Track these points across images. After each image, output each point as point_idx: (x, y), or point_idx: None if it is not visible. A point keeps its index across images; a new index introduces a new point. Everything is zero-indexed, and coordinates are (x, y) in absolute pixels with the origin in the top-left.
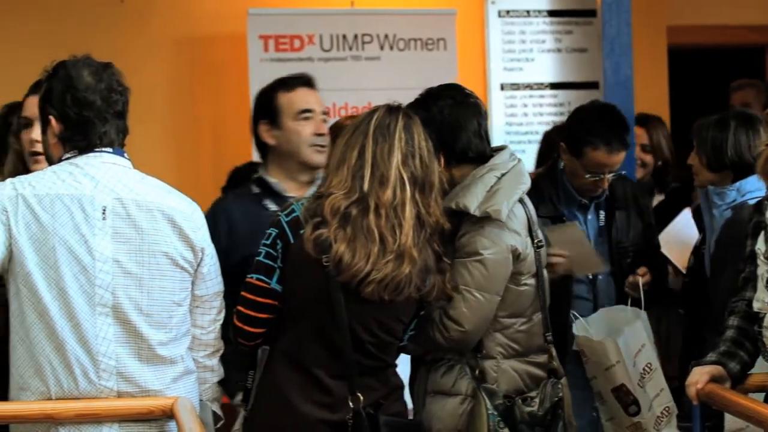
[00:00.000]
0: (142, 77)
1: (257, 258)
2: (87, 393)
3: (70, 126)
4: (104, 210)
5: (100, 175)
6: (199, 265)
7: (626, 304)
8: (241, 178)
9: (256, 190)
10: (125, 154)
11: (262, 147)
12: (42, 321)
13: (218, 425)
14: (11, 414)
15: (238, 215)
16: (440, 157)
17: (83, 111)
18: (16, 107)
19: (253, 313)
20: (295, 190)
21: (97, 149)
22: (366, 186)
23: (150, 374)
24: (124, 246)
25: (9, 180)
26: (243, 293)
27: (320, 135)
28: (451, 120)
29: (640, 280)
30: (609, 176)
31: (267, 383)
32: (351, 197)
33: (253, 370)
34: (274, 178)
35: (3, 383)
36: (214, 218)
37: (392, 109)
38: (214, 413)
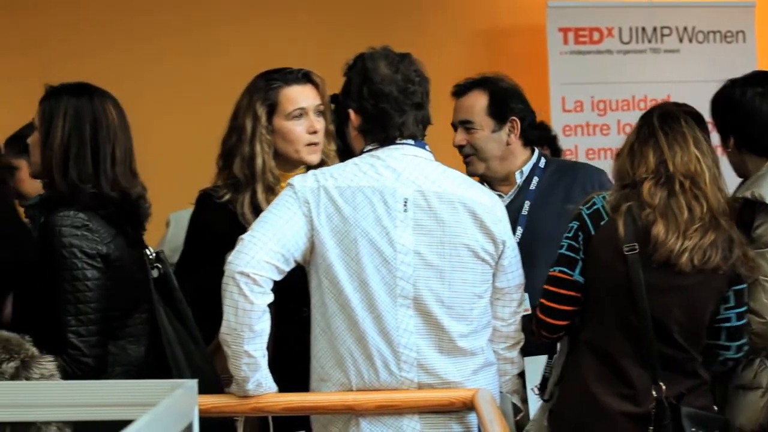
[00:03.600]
0: (441, 69)
1: (559, 251)
2: (387, 385)
3: (368, 118)
4: (406, 202)
5: (402, 167)
6: (500, 257)
7: None
8: None
9: None
10: (427, 146)
11: None
12: (343, 313)
13: (518, 417)
14: (312, 405)
15: None
16: (730, 140)
17: (379, 103)
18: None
19: (556, 306)
20: None
21: (398, 141)
22: (671, 167)
23: (451, 366)
24: (426, 238)
25: (311, 172)
26: (546, 286)
27: None
28: (757, 110)
29: None
30: None
31: (570, 374)
32: (659, 180)
33: (551, 359)
34: None
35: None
36: None
37: (669, 104)
38: (514, 405)
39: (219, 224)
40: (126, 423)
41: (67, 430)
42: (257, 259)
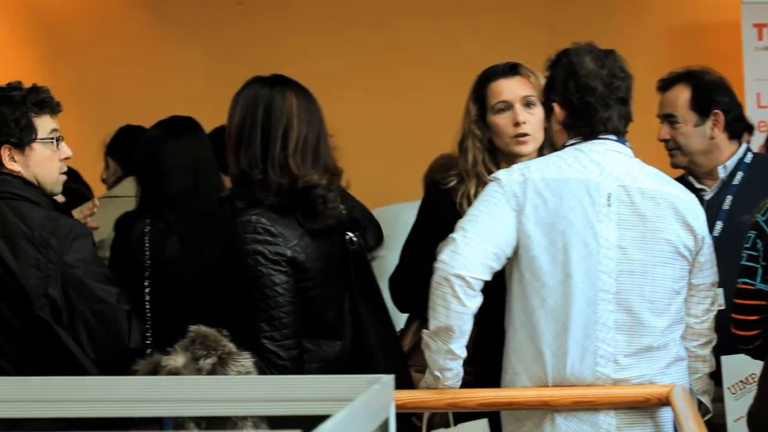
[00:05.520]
0: (638, 66)
1: (741, 263)
2: (584, 380)
3: (573, 112)
4: (609, 197)
5: (605, 162)
6: (697, 253)
7: None
8: None
9: None
10: (627, 143)
11: None
12: (543, 306)
13: (706, 418)
14: (508, 400)
15: None
16: None
17: (585, 97)
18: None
19: (744, 317)
20: None
21: (601, 136)
22: None
23: (645, 361)
24: (629, 233)
25: (515, 165)
26: (734, 300)
27: None
28: None
29: None
30: None
31: (766, 375)
32: None
33: None
34: None
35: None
36: None
37: None
38: (701, 404)
39: (440, 211)
40: (322, 418)
41: (263, 425)
42: (473, 262)
